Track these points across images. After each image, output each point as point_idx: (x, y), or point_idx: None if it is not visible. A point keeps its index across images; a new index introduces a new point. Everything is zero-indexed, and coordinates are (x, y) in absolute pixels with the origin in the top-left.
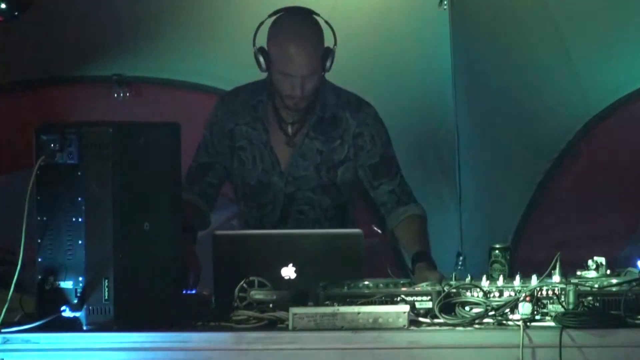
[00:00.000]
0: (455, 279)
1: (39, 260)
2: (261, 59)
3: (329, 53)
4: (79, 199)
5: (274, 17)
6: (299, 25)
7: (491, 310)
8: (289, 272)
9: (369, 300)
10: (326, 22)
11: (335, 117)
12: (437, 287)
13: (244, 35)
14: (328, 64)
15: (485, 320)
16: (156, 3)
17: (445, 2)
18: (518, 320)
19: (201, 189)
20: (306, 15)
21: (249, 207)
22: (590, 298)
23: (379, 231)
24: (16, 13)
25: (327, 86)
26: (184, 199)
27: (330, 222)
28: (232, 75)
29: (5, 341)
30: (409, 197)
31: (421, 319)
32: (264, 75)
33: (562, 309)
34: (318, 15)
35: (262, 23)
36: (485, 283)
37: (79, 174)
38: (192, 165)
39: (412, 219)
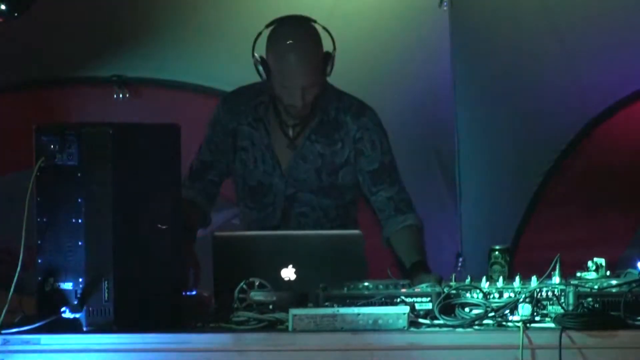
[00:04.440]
0: (455, 280)
1: (39, 261)
2: (261, 69)
3: (328, 58)
4: (79, 200)
5: (271, 27)
6: (296, 37)
7: (491, 312)
8: (288, 273)
9: (369, 301)
10: (324, 28)
11: (336, 121)
12: (437, 289)
13: (243, 35)
14: (328, 69)
15: (485, 321)
16: (156, 4)
17: (445, 2)
18: (518, 322)
19: (203, 186)
20: (303, 25)
21: (249, 208)
22: (590, 299)
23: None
24: (16, 14)
25: (329, 89)
26: (185, 197)
27: (332, 223)
28: (232, 76)
29: (6, 342)
30: (408, 206)
31: (421, 320)
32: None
33: (562, 310)
34: (315, 22)
35: (260, 34)
36: (485, 284)
37: (79, 175)
38: (193, 163)
39: (409, 229)
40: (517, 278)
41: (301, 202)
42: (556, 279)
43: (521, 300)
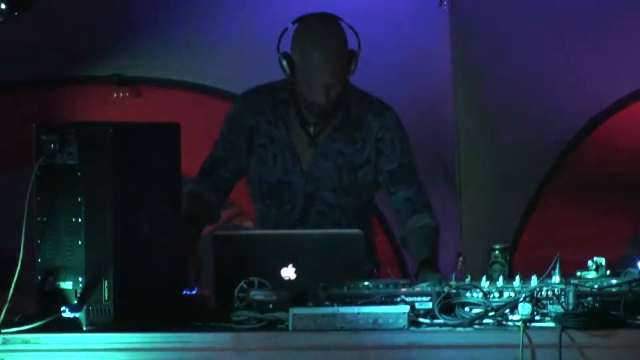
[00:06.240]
0: (455, 280)
1: (39, 260)
2: (285, 64)
3: (352, 57)
4: (79, 199)
5: (298, 24)
6: (322, 35)
7: (491, 311)
8: (288, 272)
9: (369, 300)
10: (350, 26)
11: (358, 119)
12: (437, 288)
13: (244, 35)
14: (352, 67)
15: (485, 320)
16: (156, 3)
17: (445, 2)
18: (518, 321)
19: (213, 182)
20: (329, 23)
21: (267, 206)
22: (590, 298)
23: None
24: (16, 13)
25: (350, 89)
26: (193, 192)
27: (350, 222)
28: (233, 76)
29: (5, 342)
30: (424, 206)
31: (421, 320)
32: (280, 75)
33: (562, 310)
34: (342, 20)
35: (286, 29)
36: (485, 283)
37: (79, 174)
38: (206, 159)
39: (423, 229)
40: (517, 277)
41: (320, 200)
42: (556, 278)
43: (521, 299)
